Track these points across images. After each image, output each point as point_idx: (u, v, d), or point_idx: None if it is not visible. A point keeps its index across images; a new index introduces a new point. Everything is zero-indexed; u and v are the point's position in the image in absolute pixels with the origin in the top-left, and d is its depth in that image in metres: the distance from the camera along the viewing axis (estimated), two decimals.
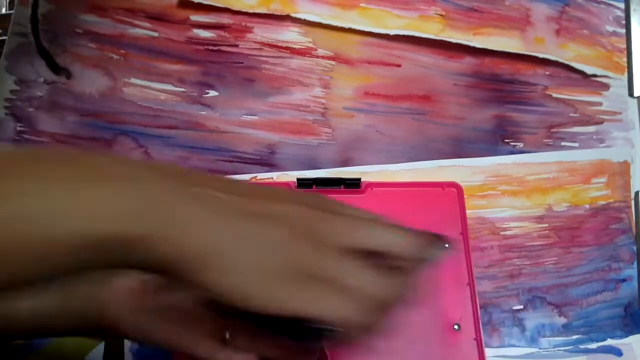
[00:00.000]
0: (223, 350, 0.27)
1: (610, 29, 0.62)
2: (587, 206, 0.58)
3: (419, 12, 0.59)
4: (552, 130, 0.59)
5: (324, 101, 0.58)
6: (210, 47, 0.57)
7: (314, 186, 0.54)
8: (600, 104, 0.60)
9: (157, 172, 0.23)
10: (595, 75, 0.61)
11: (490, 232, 0.55)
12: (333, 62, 0.58)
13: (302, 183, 0.53)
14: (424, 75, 0.59)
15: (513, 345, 0.52)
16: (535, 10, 0.61)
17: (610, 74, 0.61)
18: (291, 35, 0.58)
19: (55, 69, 0.55)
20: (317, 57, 0.58)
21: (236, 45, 0.57)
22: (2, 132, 0.55)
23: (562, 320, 0.53)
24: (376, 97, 0.58)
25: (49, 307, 0.26)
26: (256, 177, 0.54)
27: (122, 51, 0.57)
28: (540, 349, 0.52)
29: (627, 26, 0.62)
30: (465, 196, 0.55)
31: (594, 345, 0.53)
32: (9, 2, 0.64)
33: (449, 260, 0.51)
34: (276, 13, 0.57)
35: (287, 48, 0.58)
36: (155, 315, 0.26)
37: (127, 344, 0.49)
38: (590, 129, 0.60)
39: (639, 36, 0.62)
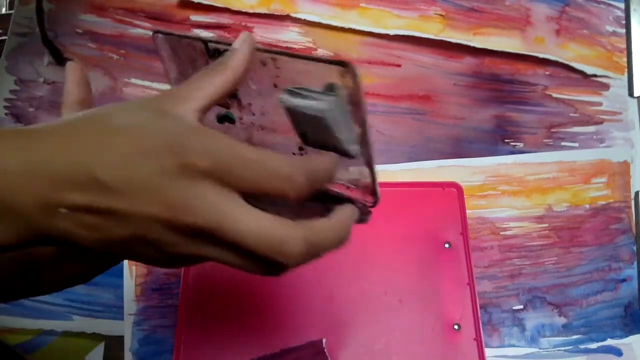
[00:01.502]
0: None
1: (610, 29, 0.62)
2: (587, 206, 0.58)
3: (419, 12, 0.59)
4: (552, 130, 0.59)
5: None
6: None
7: None
8: (600, 104, 0.60)
9: None
10: (595, 75, 0.61)
11: (490, 232, 0.55)
12: None
13: None
14: (424, 75, 0.59)
15: (513, 345, 0.52)
16: (535, 10, 0.61)
17: (610, 74, 0.61)
18: (291, 35, 0.58)
19: (60, 59, 0.55)
20: None
21: None
22: None
23: (562, 320, 0.53)
24: (376, 97, 0.58)
25: None
26: None
27: (122, 51, 0.57)
28: (540, 349, 0.52)
29: (627, 26, 0.62)
30: (465, 196, 0.55)
31: (594, 345, 0.53)
32: (9, 2, 0.64)
33: (449, 260, 0.52)
34: (276, 13, 0.57)
35: (287, 48, 0.58)
36: None
37: (127, 344, 0.49)
38: (590, 129, 0.60)
39: (639, 36, 0.62)
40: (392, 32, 0.58)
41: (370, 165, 0.29)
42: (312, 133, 0.28)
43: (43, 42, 0.55)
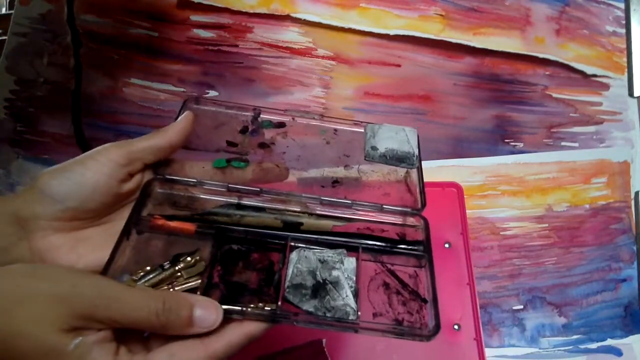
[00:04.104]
0: None
1: (610, 29, 0.62)
2: (587, 206, 0.58)
3: (419, 12, 0.59)
4: (552, 130, 0.59)
5: (324, 101, 0.58)
6: (210, 47, 0.57)
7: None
8: (600, 104, 0.60)
9: None
10: (595, 75, 0.61)
11: (490, 232, 0.55)
12: (333, 62, 0.58)
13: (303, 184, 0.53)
14: (424, 75, 0.59)
15: (513, 345, 0.52)
16: (535, 10, 0.61)
17: (610, 74, 0.61)
18: (291, 35, 0.58)
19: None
20: (317, 57, 0.58)
21: (236, 45, 0.57)
22: (2, 132, 0.55)
23: (562, 320, 0.53)
24: (376, 97, 0.58)
25: None
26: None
27: (122, 51, 0.57)
28: (540, 349, 0.52)
29: (627, 26, 0.62)
30: (465, 196, 0.55)
31: (594, 345, 0.53)
32: (9, 2, 0.64)
33: (449, 260, 0.52)
34: (276, 13, 0.57)
35: (287, 48, 0.58)
36: None
37: None
38: (590, 129, 0.60)
39: (639, 36, 0.62)
40: (392, 32, 0.58)
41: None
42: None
43: (78, 142, 0.55)
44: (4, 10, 0.64)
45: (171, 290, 0.30)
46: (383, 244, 0.34)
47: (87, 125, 0.55)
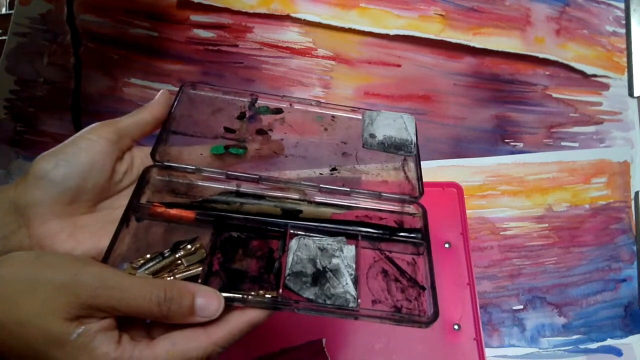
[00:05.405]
0: None
1: (610, 29, 0.62)
2: (587, 206, 0.58)
3: (419, 12, 0.59)
4: (552, 130, 0.59)
5: (323, 101, 0.58)
6: (210, 47, 0.57)
7: None
8: (600, 104, 0.60)
9: None
10: (595, 75, 0.61)
11: (490, 232, 0.55)
12: (333, 62, 0.58)
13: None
14: (424, 75, 0.59)
15: (513, 345, 0.52)
16: (535, 10, 0.61)
17: (610, 74, 0.61)
18: (291, 35, 0.58)
19: None
20: (317, 57, 0.58)
21: (236, 45, 0.57)
22: (2, 132, 0.55)
23: (562, 320, 0.53)
24: (376, 97, 0.58)
25: None
26: None
27: (122, 51, 0.57)
28: (540, 349, 0.52)
29: (627, 26, 0.62)
30: (465, 196, 0.55)
31: (594, 345, 0.53)
32: (9, 2, 0.64)
33: (449, 260, 0.52)
34: (276, 13, 0.57)
35: (287, 48, 0.58)
36: None
37: None
38: (590, 129, 0.60)
39: (639, 36, 0.62)
40: (392, 32, 0.58)
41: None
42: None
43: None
44: (4, 10, 0.64)
45: (172, 278, 0.30)
46: (381, 232, 0.34)
47: (86, 125, 0.55)
